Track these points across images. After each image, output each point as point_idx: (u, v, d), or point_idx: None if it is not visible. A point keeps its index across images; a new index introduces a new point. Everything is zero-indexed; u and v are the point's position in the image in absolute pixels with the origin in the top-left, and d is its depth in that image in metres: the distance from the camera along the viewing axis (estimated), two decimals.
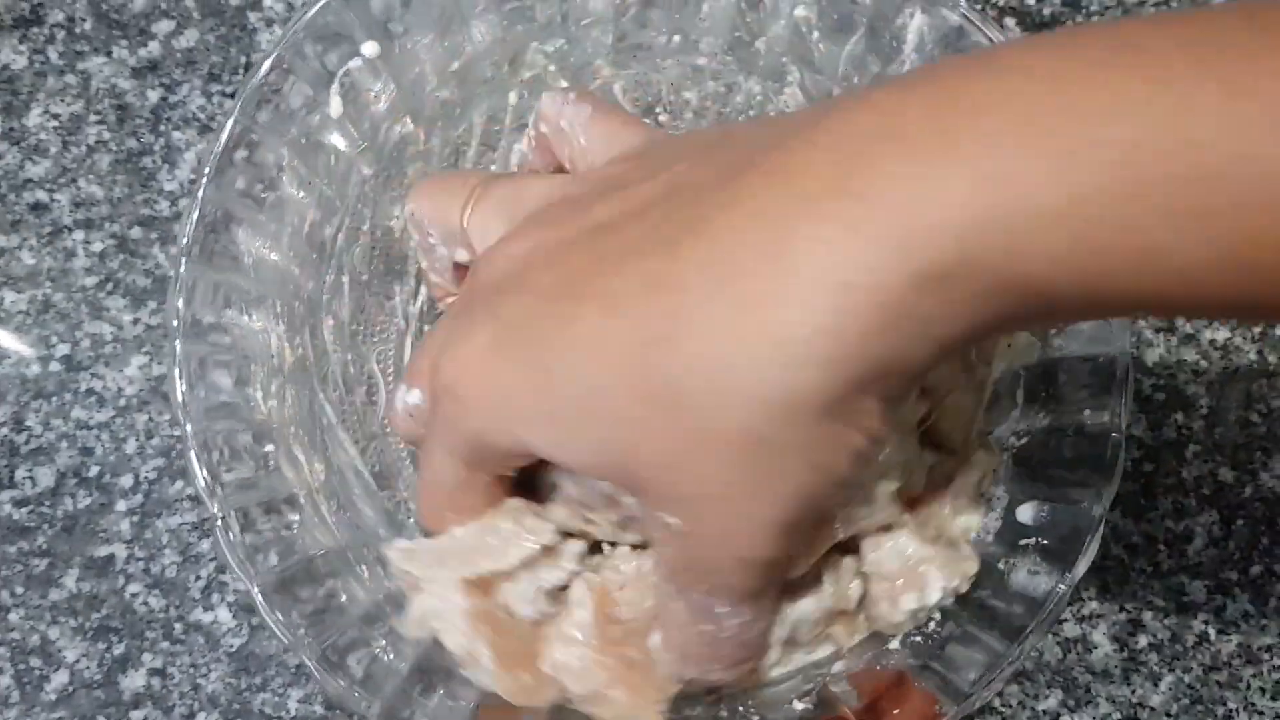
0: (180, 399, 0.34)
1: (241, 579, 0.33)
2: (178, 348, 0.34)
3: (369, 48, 0.38)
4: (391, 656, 0.34)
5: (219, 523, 0.33)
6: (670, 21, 0.41)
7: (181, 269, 0.35)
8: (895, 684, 0.33)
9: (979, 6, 0.36)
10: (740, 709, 0.34)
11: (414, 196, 0.36)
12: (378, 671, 0.33)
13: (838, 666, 0.34)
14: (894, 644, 0.34)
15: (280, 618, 0.32)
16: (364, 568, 0.36)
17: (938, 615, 0.34)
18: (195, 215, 0.35)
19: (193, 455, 0.33)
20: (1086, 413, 0.35)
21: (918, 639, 0.34)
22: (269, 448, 0.36)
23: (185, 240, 0.35)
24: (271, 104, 0.36)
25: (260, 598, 0.32)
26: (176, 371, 0.34)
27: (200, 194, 0.35)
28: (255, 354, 0.36)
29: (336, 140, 0.39)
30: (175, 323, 0.34)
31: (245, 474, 0.34)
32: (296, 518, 0.35)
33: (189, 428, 0.34)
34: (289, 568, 0.34)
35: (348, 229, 0.40)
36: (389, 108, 0.39)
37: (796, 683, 0.35)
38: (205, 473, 0.33)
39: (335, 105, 0.38)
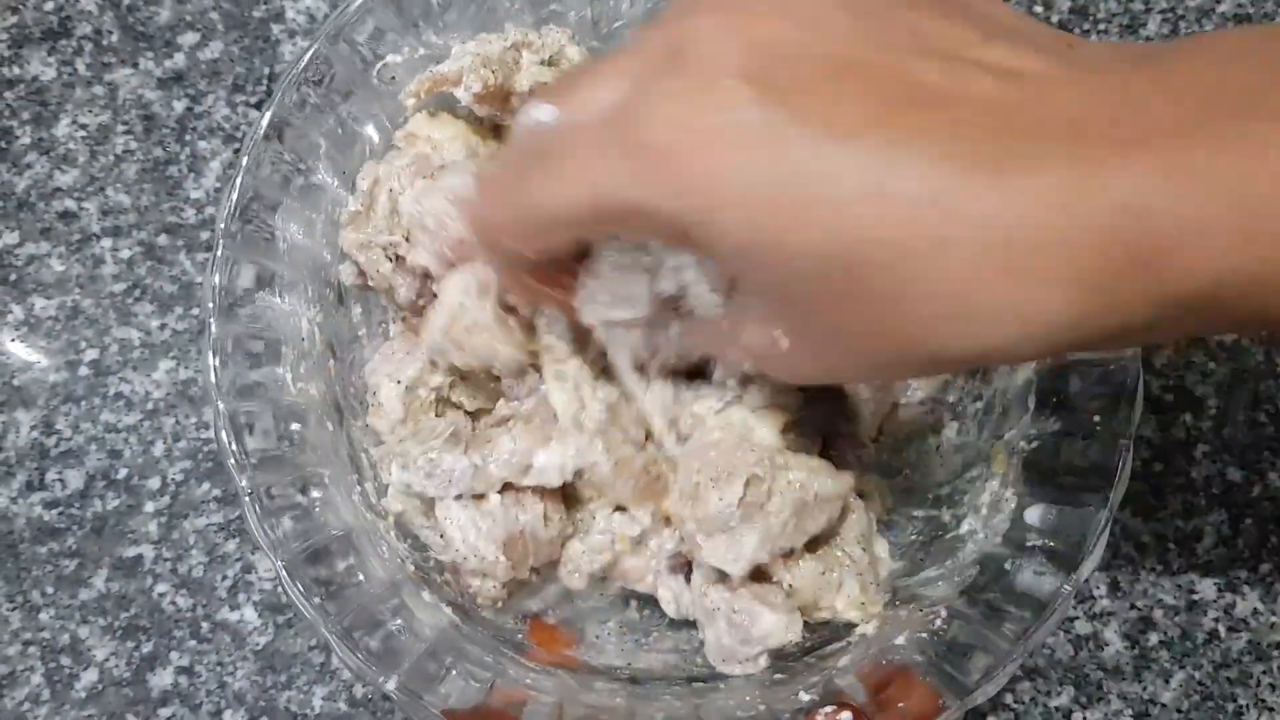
0: (213, 376, 0.35)
1: (267, 553, 0.34)
2: (212, 325, 0.35)
3: (407, 42, 0.39)
4: (408, 635, 0.34)
5: (247, 497, 0.34)
6: None
7: (219, 250, 0.35)
8: (900, 678, 0.33)
9: None
10: (747, 699, 0.35)
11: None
12: (395, 648, 0.34)
13: (844, 660, 0.35)
14: (900, 639, 0.35)
15: (302, 591, 0.33)
16: (384, 547, 0.37)
17: (944, 613, 0.35)
18: (234, 196, 0.36)
19: (223, 430, 0.34)
20: (1096, 418, 0.35)
21: (924, 636, 0.34)
22: (296, 427, 0.36)
23: (224, 221, 0.36)
24: (310, 93, 0.37)
25: (284, 572, 0.33)
26: (210, 348, 0.35)
27: (239, 176, 0.36)
28: (287, 336, 0.37)
29: (370, 131, 0.40)
30: (211, 304, 0.35)
31: (274, 452, 0.35)
32: (319, 495, 0.36)
33: (220, 405, 0.34)
34: (312, 544, 0.34)
35: None
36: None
37: (803, 675, 0.35)
38: (235, 447, 0.34)
39: (372, 98, 0.39)
